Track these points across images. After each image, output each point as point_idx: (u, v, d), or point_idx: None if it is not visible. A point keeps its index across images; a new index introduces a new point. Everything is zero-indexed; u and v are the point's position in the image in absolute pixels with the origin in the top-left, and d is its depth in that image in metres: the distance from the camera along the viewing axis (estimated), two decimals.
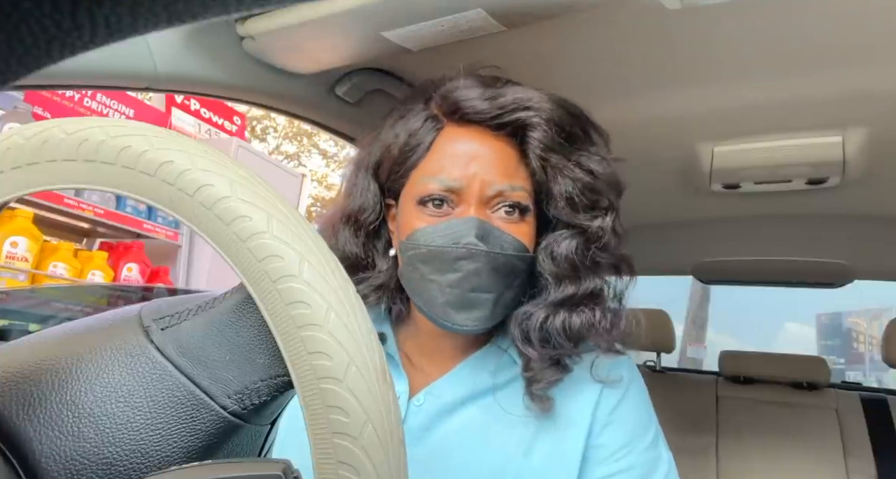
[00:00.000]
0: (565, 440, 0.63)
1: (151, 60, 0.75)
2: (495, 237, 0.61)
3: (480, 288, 0.60)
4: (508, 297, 0.63)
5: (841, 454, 1.67)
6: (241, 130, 3.78)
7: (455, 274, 0.60)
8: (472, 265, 0.60)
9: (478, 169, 0.62)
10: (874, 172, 1.09)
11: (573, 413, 0.64)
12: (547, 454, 0.62)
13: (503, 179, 0.62)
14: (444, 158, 0.64)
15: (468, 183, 0.62)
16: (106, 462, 0.30)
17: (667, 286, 2.76)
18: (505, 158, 0.64)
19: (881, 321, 10.37)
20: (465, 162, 0.62)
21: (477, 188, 0.62)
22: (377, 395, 0.28)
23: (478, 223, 0.60)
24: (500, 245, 0.61)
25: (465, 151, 0.63)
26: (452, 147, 0.64)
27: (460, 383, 0.67)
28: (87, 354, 0.32)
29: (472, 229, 0.60)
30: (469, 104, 0.63)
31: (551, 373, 0.63)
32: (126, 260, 2.42)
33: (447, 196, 0.62)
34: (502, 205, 0.63)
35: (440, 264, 0.61)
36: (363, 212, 0.68)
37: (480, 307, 0.61)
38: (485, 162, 0.63)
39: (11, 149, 0.31)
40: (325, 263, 0.29)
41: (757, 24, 0.77)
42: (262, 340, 0.33)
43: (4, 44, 0.13)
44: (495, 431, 0.64)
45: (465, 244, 0.60)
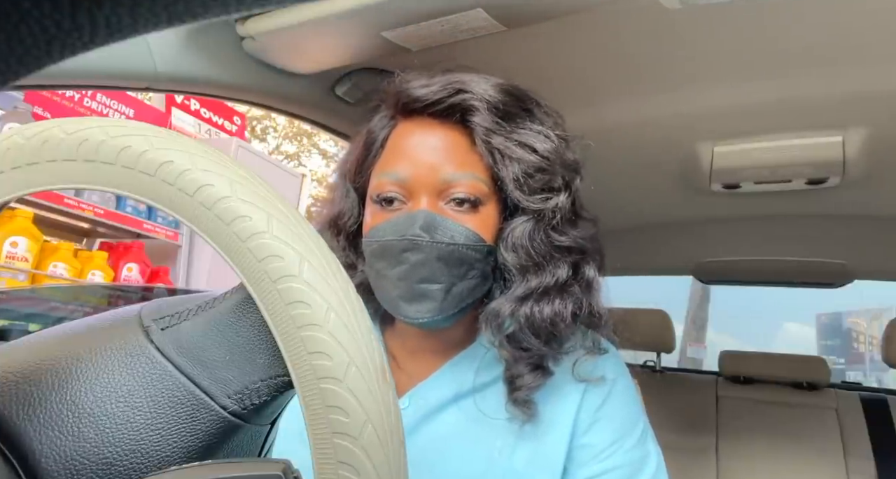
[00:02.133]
0: (548, 442, 0.63)
1: (151, 60, 0.75)
2: (444, 228, 0.60)
3: (428, 279, 0.60)
4: (463, 288, 0.61)
5: (841, 454, 1.67)
6: (241, 130, 3.78)
7: (402, 266, 0.60)
8: (416, 256, 0.59)
9: (426, 161, 0.62)
10: (874, 172, 1.09)
11: (556, 415, 0.64)
12: (530, 455, 0.62)
13: (453, 169, 0.61)
14: (394, 153, 0.64)
15: (417, 176, 0.61)
16: (106, 462, 0.30)
17: (667, 286, 2.76)
18: (454, 146, 0.62)
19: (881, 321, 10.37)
20: (413, 155, 0.62)
21: (426, 181, 0.61)
22: (377, 395, 0.28)
23: (424, 215, 0.60)
24: (448, 235, 0.60)
25: (414, 144, 0.63)
26: (402, 142, 0.64)
27: (444, 385, 0.66)
28: (87, 354, 0.32)
29: (418, 221, 0.60)
30: (407, 94, 0.63)
31: (532, 378, 0.62)
32: (126, 260, 2.42)
33: (398, 191, 0.62)
34: (454, 195, 0.61)
35: (389, 258, 0.61)
36: (342, 217, 0.69)
37: (430, 299, 0.60)
38: (433, 153, 0.62)
39: (11, 149, 0.31)
40: (325, 263, 0.29)
41: (757, 24, 0.77)
42: (262, 340, 0.33)
43: (4, 44, 0.13)
44: (478, 434, 0.63)
45: (409, 236, 0.59)
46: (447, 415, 0.65)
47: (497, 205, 0.63)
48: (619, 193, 1.36)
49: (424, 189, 0.61)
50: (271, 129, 9.55)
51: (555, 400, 0.64)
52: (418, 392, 0.66)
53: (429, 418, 0.65)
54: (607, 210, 1.52)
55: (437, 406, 0.65)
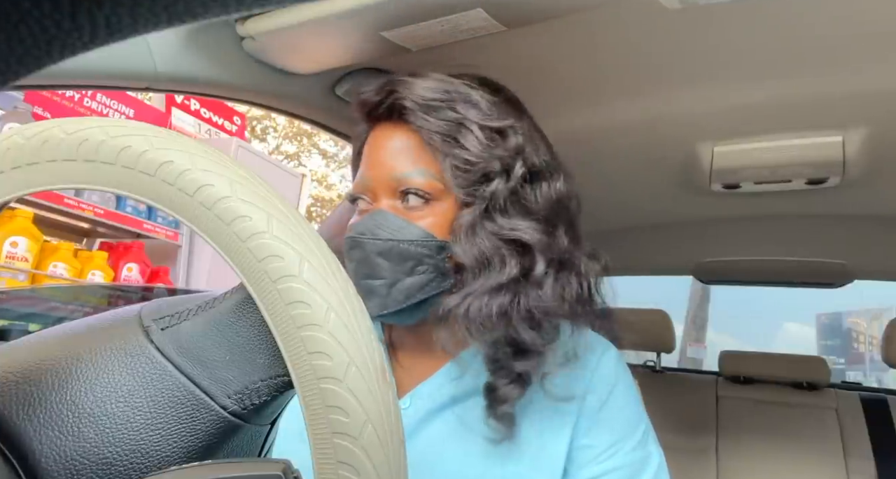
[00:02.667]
0: (545, 451, 0.63)
1: (151, 60, 0.75)
2: (388, 225, 0.62)
3: (370, 275, 0.62)
4: (411, 283, 0.61)
5: (841, 454, 1.67)
6: (241, 130, 3.78)
7: (352, 264, 0.63)
8: (358, 254, 0.62)
9: (383, 162, 0.65)
10: (874, 172, 1.09)
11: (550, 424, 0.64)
12: (532, 457, 0.62)
13: (404, 168, 0.63)
14: (364, 158, 0.68)
15: (375, 177, 0.65)
16: (106, 462, 0.30)
17: (667, 286, 2.76)
18: (407, 147, 0.65)
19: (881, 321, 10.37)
20: (374, 158, 0.66)
21: (382, 181, 0.64)
22: (377, 395, 0.28)
23: (373, 215, 0.63)
24: (390, 232, 0.61)
25: (375, 148, 0.67)
26: (368, 147, 0.68)
27: (444, 385, 0.66)
28: (87, 354, 0.33)
29: (367, 221, 0.63)
30: (365, 102, 0.67)
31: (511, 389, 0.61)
32: (126, 260, 2.42)
33: (364, 193, 0.66)
34: (406, 193, 0.63)
35: (347, 255, 0.64)
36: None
37: (375, 294, 0.61)
38: (389, 154, 0.65)
39: (11, 149, 0.31)
40: (325, 263, 0.29)
41: (757, 24, 0.77)
42: (262, 340, 0.33)
43: (4, 44, 0.13)
44: (478, 434, 0.63)
45: (353, 234, 0.63)
46: (446, 416, 0.65)
47: (455, 202, 0.63)
48: (620, 193, 1.36)
49: (382, 189, 0.64)
50: (271, 129, 9.55)
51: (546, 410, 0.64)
52: (419, 392, 0.67)
53: (428, 419, 0.65)
54: (607, 210, 1.52)
55: (436, 407, 0.65)
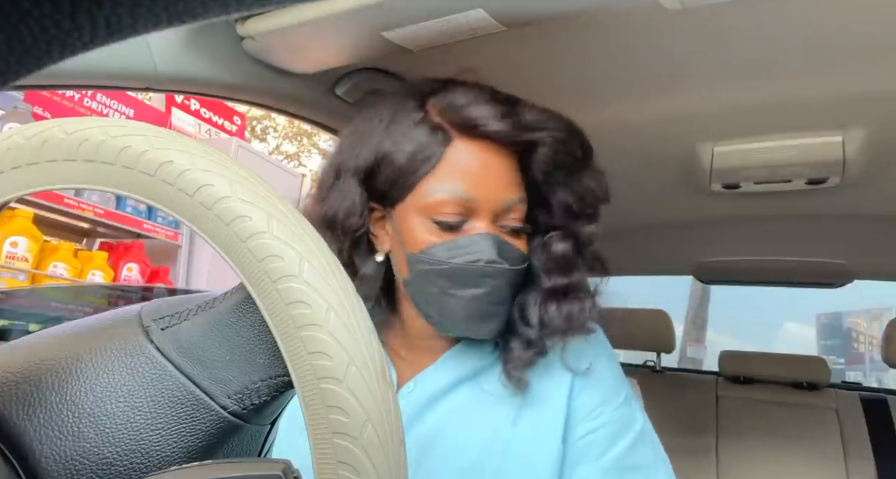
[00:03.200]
0: (547, 411, 0.67)
1: (151, 60, 0.75)
2: (509, 252, 0.65)
3: (499, 301, 0.65)
4: (510, 303, 0.68)
5: (841, 454, 1.67)
6: (241, 130, 3.78)
7: (479, 289, 0.63)
8: (496, 282, 0.63)
9: (490, 183, 0.64)
10: (874, 172, 1.09)
11: (552, 388, 0.69)
12: (533, 423, 0.66)
13: (512, 193, 0.66)
14: (457, 172, 0.64)
15: (481, 197, 0.64)
16: (106, 462, 0.30)
17: (667, 286, 2.75)
18: (511, 171, 0.66)
19: (881, 321, 10.36)
20: (478, 176, 0.64)
21: (490, 202, 0.64)
22: (377, 395, 0.28)
23: (496, 240, 0.64)
24: (512, 259, 0.65)
25: (479, 166, 0.64)
26: (465, 161, 0.64)
27: (448, 370, 0.70)
28: (87, 354, 0.33)
29: (493, 246, 0.63)
30: (487, 122, 0.64)
31: (523, 353, 0.67)
32: (126, 260, 2.42)
33: (462, 210, 0.64)
34: (509, 219, 0.66)
35: (464, 279, 0.63)
36: (349, 217, 0.67)
37: (497, 318, 0.66)
38: (496, 176, 0.65)
39: (11, 149, 0.31)
40: (325, 263, 0.29)
41: (757, 25, 0.77)
42: (262, 340, 0.33)
43: (4, 44, 0.13)
44: (483, 409, 0.68)
45: (487, 262, 0.63)
46: (452, 396, 0.69)
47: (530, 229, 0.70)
48: (619, 193, 1.36)
49: (486, 211, 0.64)
50: (271, 129, 9.54)
51: (549, 375, 0.69)
52: (423, 378, 0.70)
53: (434, 400, 0.69)
54: (607, 210, 1.52)
55: (442, 389, 0.69)
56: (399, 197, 0.66)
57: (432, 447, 0.66)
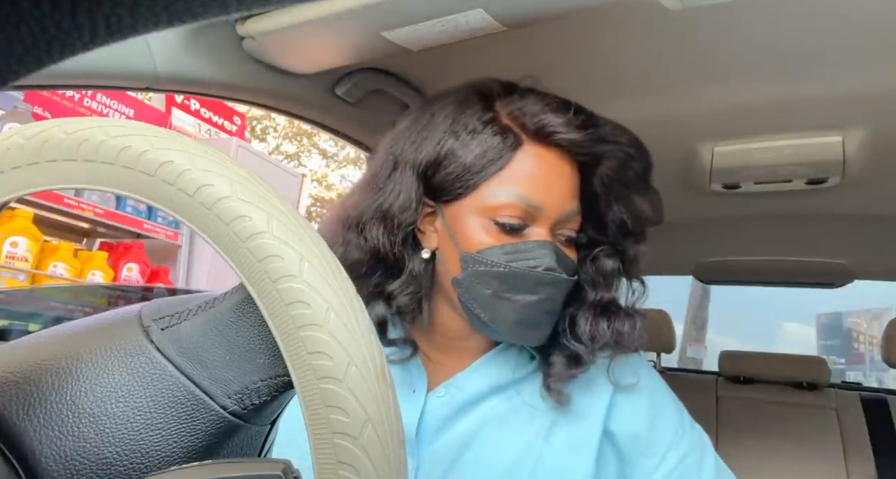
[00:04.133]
0: (583, 428, 0.67)
1: (151, 60, 0.75)
2: (565, 262, 0.65)
3: (552, 310, 0.65)
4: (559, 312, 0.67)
5: (841, 454, 1.67)
6: (241, 130, 3.78)
7: (534, 296, 0.62)
8: (552, 290, 0.63)
9: (554, 191, 0.64)
10: (874, 172, 1.09)
11: (589, 406, 0.68)
12: (567, 439, 0.66)
13: (571, 203, 0.65)
14: (524, 176, 0.63)
15: (545, 204, 0.63)
16: (106, 462, 0.30)
17: (667, 286, 2.75)
18: (573, 181, 0.66)
19: (881, 321, 10.36)
20: (544, 183, 0.63)
21: (552, 210, 0.64)
22: (377, 395, 0.28)
23: (554, 248, 0.63)
24: (568, 269, 0.65)
25: (546, 172, 0.64)
26: (533, 167, 0.64)
27: (483, 376, 0.69)
28: (87, 354, 0.33)
29: (552, 255, 0.63)
30: (562, 130, 0.64)
31: (564, 368, 0.66)
32: (126, 260, 2.42)
33: (524, 215, 0.63)
34: (566, 229, 0.66)
35: (520, 284, 0.62)
36: (404, 210, 0.65)
37: (547, 326, 0.65)
38: (561, 185, 0.65)
39: (11, 149, 0.31)
40: (325, 263, 0.29)
41: (757, 24, 0.77)
42: (262, 340, 0.33)
43: (4, 44, 0.13)
44: (517, 420, 0.67)
45: (546, 269, 0.62)
46: (486, 404, 0.68)
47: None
48: None
49: (547, 218, 0.64)
50: (271, 129, 9.55)
51: (589, 391, 0.69)
52: (456, 382, 0.69)
53: (468, 406, 0.68)
54: None
55: (476, 395, 0.68)
56: (459, 195, 0.65)
57: (462, 456, 0.65)
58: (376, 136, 1.08)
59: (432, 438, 0.67)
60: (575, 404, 0.67)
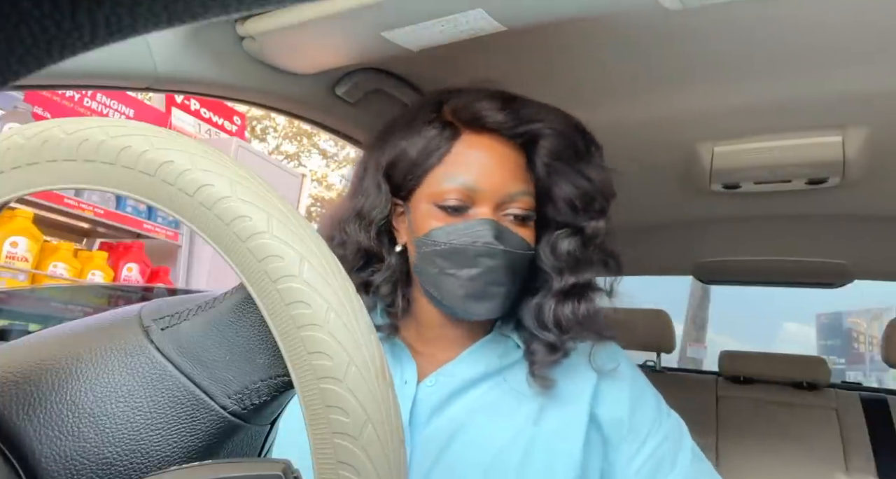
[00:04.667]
0: (570, 412, 0.70)
1: (151, 60, 0.75)
2: (508, 237, 0.68)
3: (496, 282, 0.67)
4: (514, 290, 0.70)
5: (841, 454, 1.67)
6: (241, 130, 3.78)
7: (475, 269, 0.67)
8: (490, 262, 0.67)
9: (493, 174, 0.68)
10: (874, 172, 1.09)
11: (575, 391, 0.71)
12: (555, 423, 0.69)
13: (514, 184, 0.69)
14: (462, 162, 0.69)
15: (485, 186, 0.68)
16: (106, 462, 0.30)
17: (667, 286, 2.75)
18: (515, 164, 0.70)
19: (881, 321, 10.36)
20: (482, 167, 0.69)
21: (493, 191, 0.68)
22: (377, 395, 0.28)
23: (494, 224, 0.67)
24: (514, 245, 0.68)
25: (483, 157, 0.69)
26: (470, 153, 0.70)
27: (471, 364, 0.73)
28: (87, 354, 0.33)
29: (491, 230, 0.67)
30: (489, 114, 0.69)
31: (546, 355, 0.70)
32: (126, 260, 2.42)
33: (464, 198, 0.68)
34: (512, 208, 0.69)
35: (461, 259, 0.67)
36: (374, 208, 0.73)
37: (494, 299, 0.68)
38: (499, 168, 0.69)
39: (11, 149, 0.31)
40: (325, 263, 0.29)
41: (757, 24, 0.77)
42: (262, 340, 0.33)
43: (4, 44, 0.13)
44: (506, 405, 0.70)
45: (484, 243, 0.66)
46: (477, 391, 0.71)
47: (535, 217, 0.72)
48: (619, 193, 1.36)
49: (489, 199, 0.68)
50: (271, 129, 9.54)
51: (575, 377, 0.72)
52: (445, 371, 0.73)
53: (458, 393, 0.71)
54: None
55: (465, 383, 0.71)
56: (412, 188, 0.72)
57: (454, 441, 0.68)
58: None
59: (424, 425, 0.69)
60: (562, 389, 0.70)
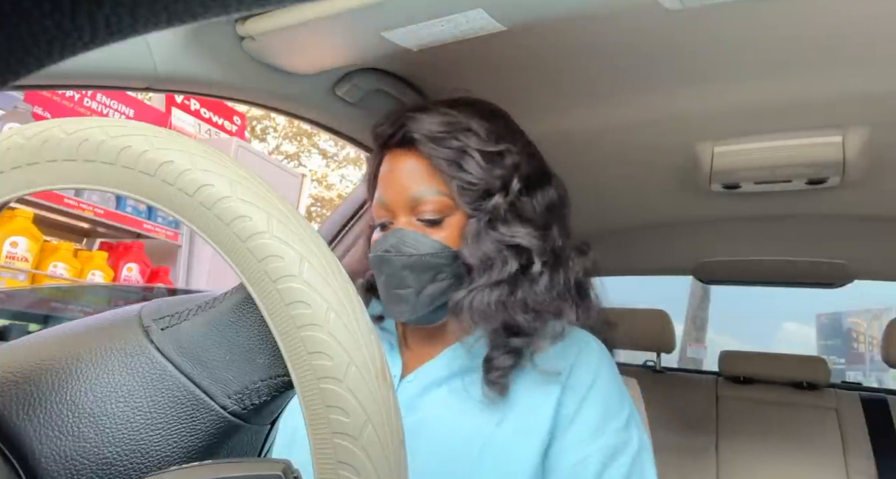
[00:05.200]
0: (532, 418, 0.69)
1: (151, 60, 0.75)
2: (412, 241, 0.71)
3: (399, 285, 0.72)
4: (435, 289, 0.72)
5: (841, 454, 1.67)
6: (241, 130, 3.78)
7: (381, 277, 0.73)
8: (388, 269, 0.72)
9: (398, 184, 0.74)
10: (874, 172, 1.09)
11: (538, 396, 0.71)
12: (516, 426, 0.69)
13: (418, 187, 0.73)
14: (381, 181, 0.77)
15: (392, 198, 0.74)
16: (106, 462, 0.30)
17: (667, 286, 2.75)
18: (417, 169, 0.74)
19: (881, 321, 10.33)
20: (389, 181, 0.75)
21: (399, 201, 0.73)
22: (377, 395, 0.28)
23: (395, 233, 0.72)
24: (413, 248, 0.71)
25: (389, 172, 0.76)
26: (383, 170, 0.77)
27: (441, 366, 0.75)
28: (87, 354, 0.33)
29: (390, 239, 0.72)
30: (380, 131, 0.77)
31: (503, 360, 0.70)
32: (126, 260, 2.42)
33: (384, 213, 0.75)
34: (423, 213, 0.73)
35: (376, 268, 0.74)
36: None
37: (404, 301, 0.72)
38: (402, 177, 0.74)
39: (11, 149, 0.31)
40: (325, 263, 0.29)
41: (757, 24, 0.77)
42: (262, 340, 0.33)
43: (4, 44, 0.13)
44: (465, 407, 0.71)
45: (383, 251, 0.72)
46: (440, 391, 0.73)
47: (463, 215, 0.73)
48: (620, 193, 1.36)
49: (400, 208, 0.74)
50: (271, 129, 9.54)
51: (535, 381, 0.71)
52: (423, 369, 0.76)
53: (426, 391, 0.74)
54: (607, 210, 1.52)
55: (432, 383, 0.74)
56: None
57: (421, 434, 0.69)
58: None
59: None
60: (522, 395, 0.70)
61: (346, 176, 10.15)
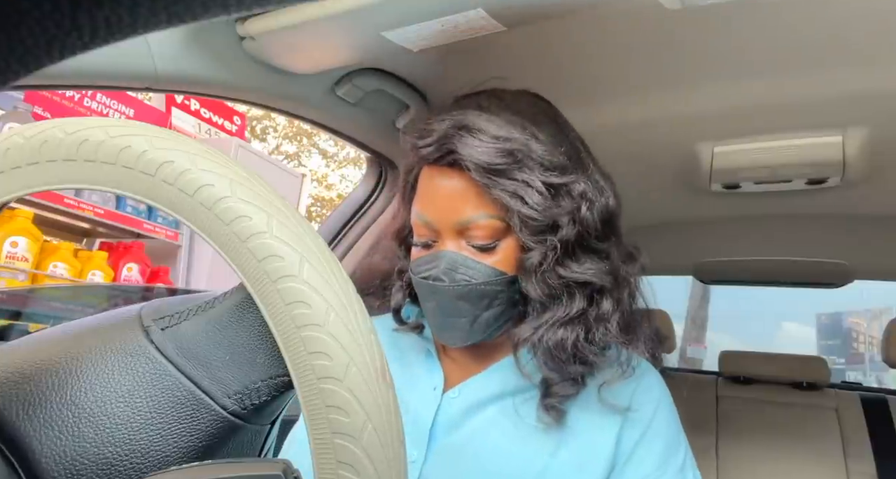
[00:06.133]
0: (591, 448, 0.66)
1: (151, 60, 0.75)
2: (465, 269, 0.66)
3: (452, 314, 0.67)
4: (489, 316, 0.67)
5: (841, 454, 1.67)
6: (241, 130, 3.78)
7: (431, 303, 0.68)
8: (440, 298, 0.66)
9: (446, 205, 0.67)
10: (874, 172, 1.09)
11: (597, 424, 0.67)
12: (571, 457, 0.66)
13: (469, 211, 0.66)
14: (422, 196, 0.70)
15: (440, 219, 0.67)
16: (106, 462, 0.30)
17: (667, 286, 2.75)
18: (467, 190, 0.66)
19: (881, 321, 10.34)
20: (435, 199, 0.68)
21: (447, 223, 0.67)
22: (377, 395, 0.28)
23: (447, 258, 0.66)
24: (468, 275, 0.65)
25: (434, 189, 0.68)
26: (426, 186, 0.69)
27: (491, 383, 0.71)
28: (87, 354, 0.32)
29: (441, 265, 0.66)
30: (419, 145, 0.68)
31: (561, 388, 0.66)
32: (126, 260, 2.42)
33: (426, 232, 0.69)
34: (474, 238, 0.66)
35: (423, 292, 0.69)
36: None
37: (458, 329, 0.68)
38: (451, 197, 0.66)
39: (11, 149, 0.31)
40: (325, 263, 0.29)
41: (757, 25, 0.77)
42: (262, 340, 0.33)
43: (4, 44, 0.13)
44: (524, 431, 0.67)
45: (433, 279, 0.66)
46: (488, 411, 0.69)
47: (517, 238, 0.66)
48: (620, 193, 1.36)
49: (447, 230, 0.67)
50: (271, 129, 9.54)
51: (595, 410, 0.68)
52: (469, 384, 0.72)
53: (476, 409, 0.70)
54: None
55: (480, 401, 0.70)
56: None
57: (467, 457, 0.66)
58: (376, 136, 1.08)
59: (443, 435, 0.69)
60: (580, 422, 0.67)
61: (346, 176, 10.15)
